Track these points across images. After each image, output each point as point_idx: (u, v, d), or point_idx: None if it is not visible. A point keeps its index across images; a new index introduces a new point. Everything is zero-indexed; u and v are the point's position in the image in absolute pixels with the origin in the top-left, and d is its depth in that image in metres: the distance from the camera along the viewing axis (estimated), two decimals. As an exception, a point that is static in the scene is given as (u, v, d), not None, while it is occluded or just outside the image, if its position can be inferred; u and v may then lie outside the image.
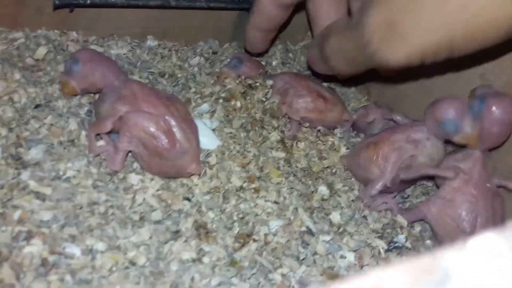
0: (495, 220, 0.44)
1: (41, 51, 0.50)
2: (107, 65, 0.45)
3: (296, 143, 0.51)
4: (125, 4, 0.52)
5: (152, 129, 0.41)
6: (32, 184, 0.39)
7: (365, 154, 0.48)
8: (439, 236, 0.45)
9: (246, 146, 0.51)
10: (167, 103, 0.43)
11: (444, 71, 0.52)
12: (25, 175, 0.39)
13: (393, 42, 0.37)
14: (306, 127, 0.54)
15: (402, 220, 0.46)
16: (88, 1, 0.51)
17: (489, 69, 0.47)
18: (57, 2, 0.50)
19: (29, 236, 0.35)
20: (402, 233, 0.45)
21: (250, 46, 0.58)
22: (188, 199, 0.43)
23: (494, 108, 0.43)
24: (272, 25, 0.53)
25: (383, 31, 0.37)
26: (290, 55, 0.67)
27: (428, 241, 0.47)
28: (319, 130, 0.54)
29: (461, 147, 0.47)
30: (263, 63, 0.63)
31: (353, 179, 0.50)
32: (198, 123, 0.47)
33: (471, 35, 0.35)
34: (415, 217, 0.46)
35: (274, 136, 0.52)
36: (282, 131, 0.53)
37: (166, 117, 0.42)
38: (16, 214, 0.36)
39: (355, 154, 0.49)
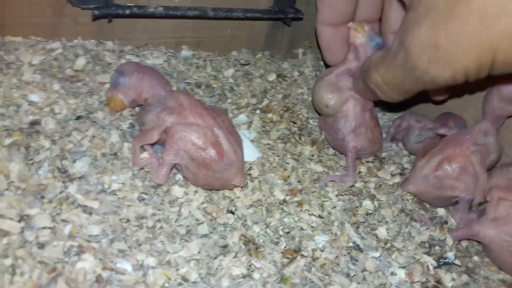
0: None
1: (81, 62, 0.49)
2: (153, 74, 0.45)
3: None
4: (163, 15, 0.52)
5: (200, 141, 0.40)
6: (80, 198, 0.38)
7: (442, 173, 0.47)
8: (493, 254, 0.44)
9: (285, 157, 0.50)
10: (214, 114, 0.42)
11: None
12: (72, 188, 0.38)
13: (438, 62, 0.37)
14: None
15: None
16: (127, 11, 0.50)
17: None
18: (96, 12, 0.49)
19: (80, 251, 0.35)
20: (451, 251, 0.44)
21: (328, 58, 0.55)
22: (232, 212, 0.43)
23: None
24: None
25: (428, 52, 0.37)
26: (321, 63, 0.67)
27: (475, 257, 0.46)
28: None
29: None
30: (296, 73, 0.62)
31: (396, 192, 0.49)
32: (238, 134, 0.47)
33: None
34: (466, 236, 0.45)
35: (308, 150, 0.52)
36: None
37: (214, 129, 0.41)
38: (67, 229, 0.35)
39: (426, 177, 0.48)
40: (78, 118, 0.45)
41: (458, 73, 0.37)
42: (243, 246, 0.39)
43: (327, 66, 0.55)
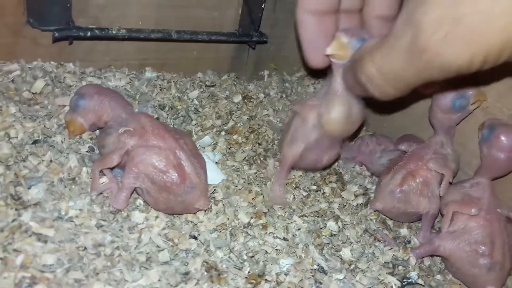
0: (511, 244, 0.44)
1: (39, 84, 0.48)
2: (114, 97, 0.44)
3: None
4: (126, 37, 0.51)
5: (162, 163, 0.40)
6: (34, 226, 0.36)
7: (407, 188, 0.47)
8: (455, 267, 0.45)
9: (250, 180, 0.50)
10: (176, 136, 0.41)
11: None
12: (26, 216, 0.37)
13: (456, 42, 0.31)
14: None
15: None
16: (89, 33, 0.50)
17: (492, 103, 0.48)
18: (56, 34, 0.49)
19: (33, 282, 0.33)
20: (414, 270, 0.44)
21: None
22: (195, 237, 0.42)
23: (502, 136, 0.44)
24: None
25: (445, 28, 0.31)
26: (287, 85, 0.67)
27: (438, 276, 0.46)
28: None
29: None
30: (262, 94, 0.62)
31: (360, 212, 0.50)
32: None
33: None
34: (428, 253, 0.46)
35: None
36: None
37: (176, 151, 0.40)
38: (19, 259, 0.34)
39: (392, 192, 0.48)
40: (35, 142, 0.44)
41: (477, 56, 0.32)
42: (205, 273, 0.38)
43: (304, 63, 0.49)
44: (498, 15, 0.30)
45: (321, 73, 0.50)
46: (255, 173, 0.50)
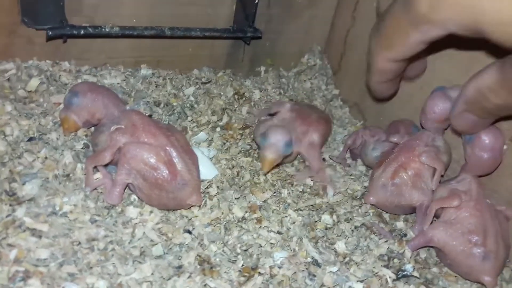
0: (503, 233, 0.45)
1: (34, 83, 0.49)
2: (107, 94, 0.44)
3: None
4: (119, 34, 0.52)
5: (153, 160, 0.40)
6: (28, 221, 0.37)
7: (399, 180, 0.47)
8: (449, 258, 0.45)
9: (245, 174, 0.50)
10: (167, 133, 0.42)
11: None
12: (20, 211, 0.37)
13: None
14: None
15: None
16: (82, 31, 0.50)
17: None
18: (50, 33, 0.49)
19: (26, 276, 0.33)
20: (409, 262, 0.44)
21: (381, 95, 0.53)
22: (189, 232, 0.42)
23: (483, 136, 0.45)
24: (394, 76, 0.47)
25: None
26: (284, 80, 0.67)
27: (434, 268, 0.46)
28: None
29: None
30: (257, 90, 0.62)
31: (355, 207, 0.50)
32: (196, 152, 0.46)
33: None
34: (421, 244, 0.46)
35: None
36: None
37: (167, 148, 0.41)
38: (12, 254, 0.34)
39: (384, 186, 0.48)
40: (30, 139, 0.44)
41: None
42: (198, 266, 0.39)
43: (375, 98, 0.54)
44: None
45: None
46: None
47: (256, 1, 0.57)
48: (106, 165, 0.43)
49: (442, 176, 0.48)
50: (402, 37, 0.41)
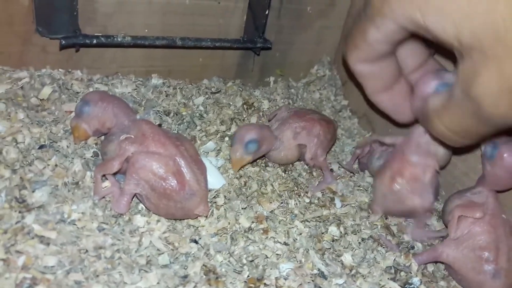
0: None
1: (46, 91, 0.49)
2: (117, 104, 0.45)
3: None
4: (131, 44, 0.52)
5: (161, 170, 0.40)
6: (37, 228, 0.37)
7: (397, 187, 0.47)
8: (459, 274, 0.44)
9: (252, 184, 0.50)
10: (177, 143, 0.42)
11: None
12: (29, 218, 0.38)
13: None
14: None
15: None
16: (95, 41, 0.51)
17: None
18: (63, 42, 0.50)
19: (33, 283, 0.34)
20: (416, 276, 0.44)
21: (394, 115, 0.51)
22: (195, 241, 0.42)
23: (505, 154, 0.44)
24: (381, 82, 0.47)
25: (507, 97, 0.33)
26: (292, 91, 0.67)
27: (441, 282, 0.45)
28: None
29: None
30: (266, 101, 0.63)
31: (363, 218, 0.49)
32: (204, 161, 0.46)
33: None
34: (430, 260, 0.45)
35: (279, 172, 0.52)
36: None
37: (176, 158, 0.41)
38: (20, 260, 0.35)
39: (384, 195, 0.48)
40: (41, 147, 0.45)
41: None
42: (204, 276, 0.39)
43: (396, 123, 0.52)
44: None
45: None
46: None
47: (267, 12, 0.58)
48: (114, 174, 0.43)
49: (438, 172, 0.48)
50: (361, 34, 0.42)
